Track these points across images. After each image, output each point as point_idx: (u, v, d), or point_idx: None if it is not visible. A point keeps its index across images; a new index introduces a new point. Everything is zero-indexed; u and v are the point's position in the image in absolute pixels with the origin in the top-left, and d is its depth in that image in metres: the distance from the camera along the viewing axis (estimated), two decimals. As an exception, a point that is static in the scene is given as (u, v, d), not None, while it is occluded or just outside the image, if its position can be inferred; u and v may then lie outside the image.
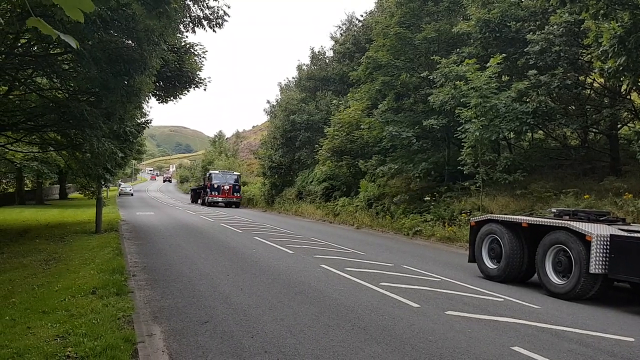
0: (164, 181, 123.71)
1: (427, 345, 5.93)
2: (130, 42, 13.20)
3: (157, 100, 22.54)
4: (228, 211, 35.53)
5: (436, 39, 21.23)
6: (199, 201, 47.62)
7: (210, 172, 45.81)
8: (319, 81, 40.77)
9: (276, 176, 39.88)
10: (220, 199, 42.41)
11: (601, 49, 13.22)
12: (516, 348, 5.86)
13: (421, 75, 20.46)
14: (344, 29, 40.50)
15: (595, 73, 15.84)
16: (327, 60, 42.39)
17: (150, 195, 64.45)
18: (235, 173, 45.72)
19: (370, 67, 24.08)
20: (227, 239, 16.89)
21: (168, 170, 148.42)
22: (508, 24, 17.61)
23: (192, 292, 8.52)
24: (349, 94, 31.12)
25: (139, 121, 23.37)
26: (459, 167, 18.13)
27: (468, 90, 16.55)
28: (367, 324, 6.76)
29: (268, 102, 51.18)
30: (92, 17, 10.70)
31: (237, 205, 42.80)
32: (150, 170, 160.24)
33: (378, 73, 23.69)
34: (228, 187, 42.72)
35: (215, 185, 42.62)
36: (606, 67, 13.48)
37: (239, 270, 10.77)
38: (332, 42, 41.75)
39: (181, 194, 75.01)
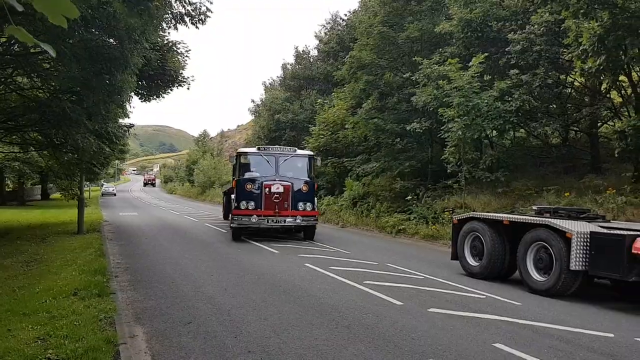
0: (145, 184, 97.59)
1: (410, 342, 5.97)
2: (111, 40, 13.06)
3: (139, 99, 22.37)
4: (216, 211, 35.10)
5: (419, 39, 21.34)
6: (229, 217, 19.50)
7: (242, 151, 17.92)
8: (304, 80, 40.75)
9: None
10: (264, 220, 15.48)
11: (581, 48, 13.42)
12: (497, 345, 5.93)
13: (404, 75, 20.59)
14: (329, 28, 40.49)
15: (575, 72, 16.04)
16: (311, 60, 42.40)
17: (133, 196, 63.86)
18: (303, 153, 17.99)
19: (354, 66, 24.13)
20: (211, 239, 16.82)
21: (151, 170, 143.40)
22: (490, 24, 17.75)
23: (176, 293, 8.48)
24: (333, 93, 31.14)
25: (123, 122, 23.16)
26: (443, 165, 18.28)
27: (451, 90, 16.69)
28: (350, 322, 6.79)
29: (252, 101, 50.91)
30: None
31: (309, 233, 16.49)
32: (134, 170, 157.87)
33: (362, 72, 23.74)
34: (285, 188, 15.60)
35: (252, 188, 15.71)
36: (586, 66, 13.68)
37: (223, 270, 10.74)
38: (317, 41, 41.75)
39: (165, 193, 74.43)
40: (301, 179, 16.03)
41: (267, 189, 15.20)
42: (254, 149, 17.11)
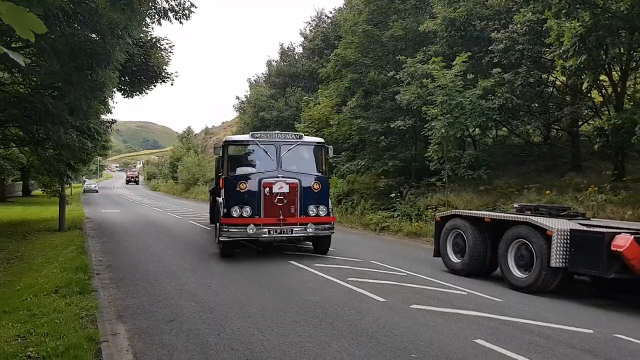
0: (128, 182, 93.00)
1: (392, 339, 6.02)
2: (93, 35, 12.92)
3: (122, 95, 22.15)
4: (200, 208, 34.90)
5: (403, 37, 21.44)
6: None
7: (232, 139, 13.53)
8: (289, 77, 40.64)
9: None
10: (264, 231, 11.64)
11: (563, 47, 13.59)
12: (478, 340, 6.00)
13: (389, 74, 20.69)
14: (313, 25, 40.47)
15: (557, 71, 16.24)
16: (296, 57, 42.31)
17: (116, 192, 63.21)
18: (312, 140, 13.55)
19: (339, 64, 24.18)
20: (196, 236, 16.74)
21: (134, 166, 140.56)
22: (473, 23, 17.90)
23: (159, 291, 8.44)
24: (318, 91, 31.14)
25: (105, 118, 22.94)
26: (426, 163, 18.41)
27: (434, 88, 16.81)
28: (334, 319, 6.82)
29: (237, 98, 50.67)
30: (55, 11, 10.44)
31: (322, 245, 12.89)
32: (117, 167, 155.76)
33: (347, 70, 23.80)
34: (291, 187, 11.88)
35: (247, 188, 11.88)
36: (568, 65, 13.87)
37: (207, 268, 10.72)
38: (302, 39, 41.69)
39: (148, 190, 73.80)
40: (311, 175, 12.42)
41: (267, 189, 11.58)
42: (247, 136, 12.94)
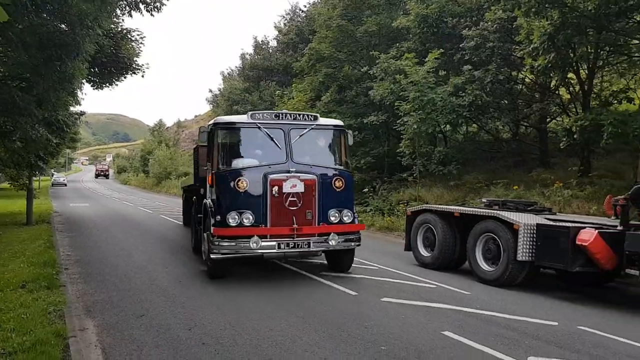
0: (97, 176, 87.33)
1: (363, 331, 6.10)
2: (63, 26, 12.64)
3: (92, 86, 21.82)
4: (172, 202, 34.50)
5: (377, 33, 21.57)
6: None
7: (224, 120, 10.14)
8: (263, 71, 40.44)
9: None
10: (272, 245, 8.71)
11: (532, 46, 13.86)
12: (447, 333, 6.12)
13: (362, 69, 20.79)
14: (288, 19, 40.30)
15: (526, 69, 16.56)
16: (270, 50, 42.12)
17: (85, 186, 62.01)
18: (329, 123, 10.52)
19: (314, 58, 24.20)
20: (167, 231, 16.59)
21: (104, 159, 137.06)
22: (445, 20, 18.11)
23: (128, 286, 8.37)
24: (292, 85, 31.07)
25: (74, 110, 22.50)
26: (398, 158, 18.59)
27: (407, 84, 16.96)
28: (306, 312, 6.88)
29: (210, 91, 50.06)
30: (23, 0, 10.19)
31: (345, 262, 9.89)
32: (87, 160, 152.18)
33: (321, 65, 23.83)
34: (307, 185, 9.03)
35: (248, 187, 8.86)
36: (536, 63, 14.15)
37: (178, 263, 10.64)
38: (276, 32, 41.49)
39: (118, 184, 72.59)
40: (331, 169, 9.68)
41: (276, 188, 8.75)
42: (244, 117, 9.61)
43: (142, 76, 21.98)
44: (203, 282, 8.65)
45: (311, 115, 9.89)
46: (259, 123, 9.31)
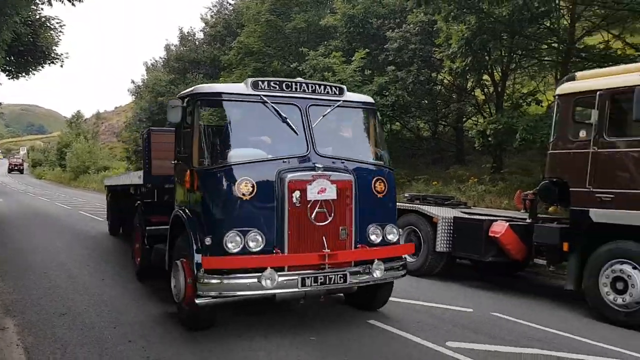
0: (11, 170, 79.81)
1: (281, 319, 6.27)
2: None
3: (7, 76, 20.61)
4: (92, 198, 32.98)
5: (305, 30, 21.78)
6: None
7: (209, 91, 6.36)
8: (189, 63, 39.41)
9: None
10: (293, 281, 5.62)
11: (451, 49, 14.57)
12: (371, 321, 6.39)
13: (292, 65, 20.93)
14: (215, 11, 39.57)
15: (445, 71, 17.35)
16: (197, 42, 41.15)
17: (-5, 181, 57.95)
18: (359, 99, 7.22)
19: (242, 52, 24.03)
20: (87, 227, 15.96)
21: (18, 153, 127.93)
22: (370, 21, 18.59)
23: (48, 284, 8.07)
24: (220, 78, 30.67)
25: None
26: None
27: (335, 82, 17.25)
28: (235, 307, 6.91)
29: (133, 82, 48.02)
30: None
31: (379, 297, 6.84)
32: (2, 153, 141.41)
33: (250, 59, 23.71)
34: (340, 189, 5.92)
35: (253, 194, 5.61)
36: (454, 66, 14.91)
37: (101, 260, 10.33)
38: (203, 24, 40.60)
39: (33, 178, 68.38)
40: (369, 164, 6.90)
41: (297, 194, 5.72)
42: (241, 86, 6.28)
43: (61, 66, 21.05)
44: (130, 281, 8.47)
45: (335, 87, 6.72)
46: (264, 95, 6.13)
